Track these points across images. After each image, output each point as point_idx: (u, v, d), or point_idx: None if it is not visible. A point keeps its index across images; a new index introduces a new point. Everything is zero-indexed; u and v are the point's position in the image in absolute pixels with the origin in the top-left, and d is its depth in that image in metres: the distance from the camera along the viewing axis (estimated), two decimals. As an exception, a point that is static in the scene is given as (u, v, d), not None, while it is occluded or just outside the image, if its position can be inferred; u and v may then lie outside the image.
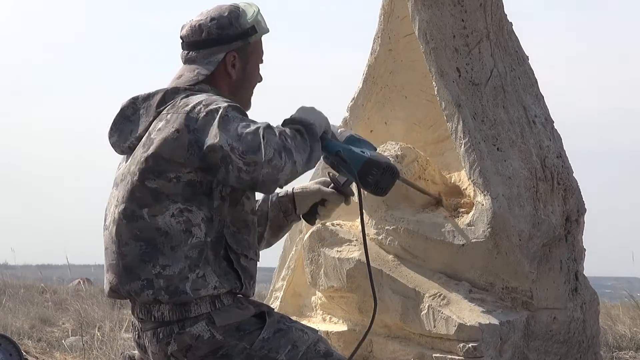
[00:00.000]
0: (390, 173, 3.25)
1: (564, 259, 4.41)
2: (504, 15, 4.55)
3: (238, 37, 3.17)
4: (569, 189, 4.43)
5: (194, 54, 3.18)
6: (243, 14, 3.18)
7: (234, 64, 3.18)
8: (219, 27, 3.15)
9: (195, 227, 2.98)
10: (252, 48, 3.21)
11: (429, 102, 4.66)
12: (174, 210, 2.97)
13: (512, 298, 4.35)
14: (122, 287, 3.03)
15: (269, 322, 3.05)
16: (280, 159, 2.87)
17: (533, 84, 4.58)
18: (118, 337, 6.89)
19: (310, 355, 3.06)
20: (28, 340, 7.25)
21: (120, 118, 3.18)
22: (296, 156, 2.92)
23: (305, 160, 2.97)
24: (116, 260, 3.04)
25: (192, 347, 2.98)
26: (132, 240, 3.00)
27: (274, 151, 2.87)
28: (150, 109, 3.12)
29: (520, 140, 4.36)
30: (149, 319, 3.03)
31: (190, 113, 2.98)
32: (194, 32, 3.18)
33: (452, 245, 4.37)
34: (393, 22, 4.76)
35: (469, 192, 4.43)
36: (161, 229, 2.97)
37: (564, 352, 4.40)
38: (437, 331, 4.30)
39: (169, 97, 3.10)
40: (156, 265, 2.97)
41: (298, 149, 2.94)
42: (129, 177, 3.04)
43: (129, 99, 3.18)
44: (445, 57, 4.39)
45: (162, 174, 2.97)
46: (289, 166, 2.90)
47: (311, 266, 4.82)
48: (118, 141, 3.17)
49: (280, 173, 2.89)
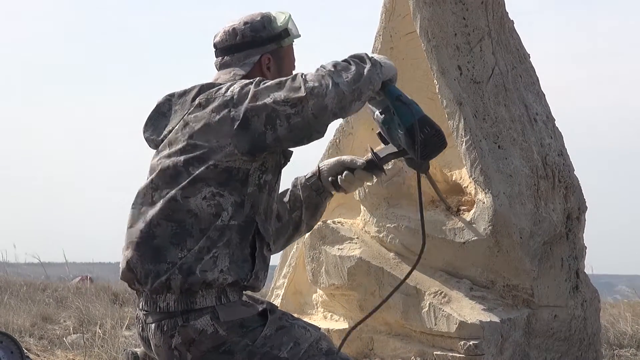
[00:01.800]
0: (440, 139, 3.16)
1: (565, 256, 4.41)
2: (505, 13, 4.56)
3: (271, 40, 3.23)
4: (570, 186, 4.43)
5: (229, 58, 3.24)
6: (275, 19, 3.26)
7: (269, 66, 3.24)
8: (252, 29, 3.22)
9: (224, 212, 3.02)
10: (284, 52, 3.28)
11: (431, 100, 4.67)
12: (207, 193, 3.02)
13: (513, 296, 4.35)
14: (142, 265, 3.04)
15: (271, 319, 3.06)
16: (321, 85, 2.94)
17: (534, 82, 4.59)
18: (119, 334, 6.89)
19: (312, 352, 3.06)
20: (29, 337, 7.25)
21: (156, 114, 3.23)
22: (337, 78, 2.96)
23: (352, 79, 2.99)
24: (143, 239, 3.06)
25: (195, 341, 2.99)
26: (164, 220, 3.04)
27: (313, 81, 2.94)
28: (185, 104, 3.16)
29: (522, 138, 4.37)
30: (154, 309, 3.05)
31: (225, 94, 3.06)
32: (229, 36, 3.24)
33: (453, 243, 4.38)
34: (394, 20, 4.77)
35: (470, 190, 4.44)
36: (192, 211, 3.01)
37: (565, 349, 4.41)
38: (438, 329, 4.31)
39: (204, 90, 3.16)
40: (184, 249, 3.01)
41: (340, 71, 2.98)
42: (168, 162, 3.09)
43: (165, 95, 3.23)
44: (447, 55, 4.39)
45: (205, 162, 3.03)
46: (332, 88, 2.95)
47: (312, 264, 4.83)
48: (152, 135, 3.22)
49: (326, 98, 2.94)
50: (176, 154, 3.08)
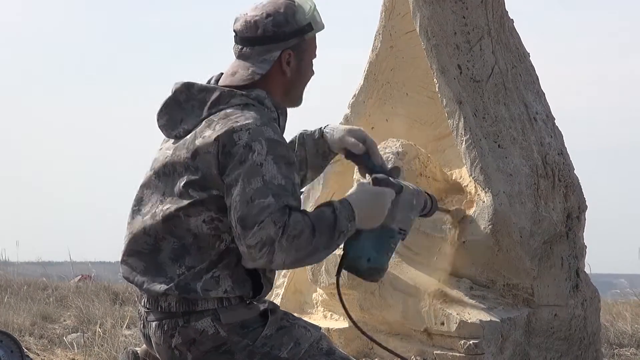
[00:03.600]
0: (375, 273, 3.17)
1: (565, 256, 4.41)
2: (505, 12, 4.55)
3: (294, 35, 3.08)
4: (570, 186, 4.43)
5: (248, 50, 3.10)
6: (299, 9, 3.09)
7: (289, 62, 3.10)
8: (275, 24, 3.06)
9: (225, 234, 2.99)
10: (307, 45, 3.13)
11: (430, 99, 4.66)
12: (206, 217, 2.98)
13: (513, 295, 4.35)
14: (143, 275, 3.04)
15: (272, 320, 3.05)
16: (259, 252, 2.86)
17: (534, 81, 4.58)
18: (119, 334, 6.88)
19: (312, 352, 3.06)
20: (29, 337, 7.24)
21: (172, 102, 3.13)
22: (278, 256, 2.87)
23: (290, 262, 2.91)
24: (148, 251, 3.05)
25: (196, 341, 2.99)
26: (168, 235, 3.02)
27: (259, 242, 2.85)
28: (203, 105, 3.07)
29: (522, 137, 4.36)
30: (155, 308, 3.04)
31: (234, 133, 2.94)
32: (249, 28, 3.08)
33: (453, 242, 4.38)
34: (394, 19, 4.76)
35: (470, 189, 4.43)
36: (191, 230, 2.99)
37: (565, 349, 4.41)
38: (438, 328, 4.31)
39: (223, 99, 3.05)
40: (182, 266, 2.99)
41: (289, 249, 2.88)
42: (175, 178, 3.03)
43: (183, 83, 3.12)
44: (447, 54, 4.39)
45: (207, 189, 2.98)
46: (262, 262, 2.88)
47: (312, 263, 4.82)
48: (166, 125, 3.14)
49: (253, 262, 2.90)
50: (180, 168, 3.02)
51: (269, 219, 2.85)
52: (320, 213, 2.96)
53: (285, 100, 3.16)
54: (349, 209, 2.98)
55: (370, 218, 3.04)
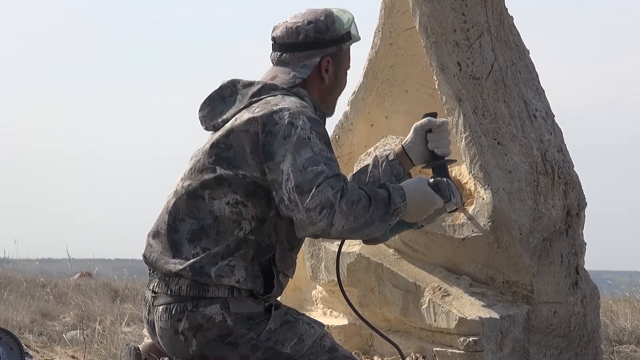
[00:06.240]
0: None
1: (564, 253, 4.41)
2: (505, 9, 4.55)
3: (333, 42, 3.19)
4: (569, 182, 4.43)
5: (288, 56, 3.18)
6: (338, 19, 3.21)
7: (327, 69, 3.20)
8: (316, 30, 3.17)
9: (245, 222, 3.02)
10: (344, 54, 3.25)
11: (430, 96, 4.66)
12: (231, 199, 3.02)
13: (512, 292, 4.35)
14: (161, 254, 3.07)
15: (276, 314, 3.07)
16: (319, 214, 2.87)
17: (534, 77, 4.58)
18: (119, 331, 6.89)
19: (315, 349, 3.07)
20: (29, 334, 7.25)
21: (216, 95, 3.21)
22: (338, 220, 2.88)
23: (349, 229, 2.91)
24: (165, 231, 3.07)
25: (202, 327, 3.00)
26: (187, 216, 3.06)
27: (318, 204, 2.86)
28: (245, 97, 3.14)
29: (521, 134, 4.36)
30: (164, 292, 3.05)
31: (274, 114, 3.00)
32: (290, 34, 3.18)
33: (452, 239, 4.38)
34: (394, 16, 4.76)
35: (470, 186, 4.44)
36: (213, 212, 3.03)
37: (565, 346, 4.41)
38: (437, 325, 4.31)
39: (265, 91, 3.12)
40: (197, 246, 3.02)
41: (348, 214, 2.90)
42: (202, 157, 3.09)
43: (230, 79, 3.20)
44: (446, 51, 4.39)
45: (234, 168, 3.00)
46: (322, 225, 2.88)
47: (312, 260, 4.83)
48: (206, 117, 3.21)
49: (312, 227, 2.90)
50: (213, 150, 3.07)
51: (325, 183, 2.88)
52: (374, 188, 3.02)
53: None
54: (402, 193, 3.04)
55: (410, 214, 3.10)
